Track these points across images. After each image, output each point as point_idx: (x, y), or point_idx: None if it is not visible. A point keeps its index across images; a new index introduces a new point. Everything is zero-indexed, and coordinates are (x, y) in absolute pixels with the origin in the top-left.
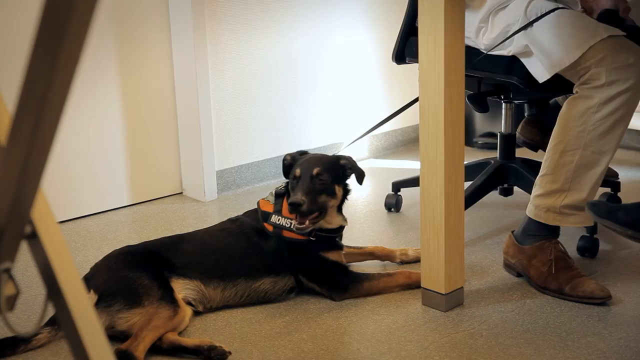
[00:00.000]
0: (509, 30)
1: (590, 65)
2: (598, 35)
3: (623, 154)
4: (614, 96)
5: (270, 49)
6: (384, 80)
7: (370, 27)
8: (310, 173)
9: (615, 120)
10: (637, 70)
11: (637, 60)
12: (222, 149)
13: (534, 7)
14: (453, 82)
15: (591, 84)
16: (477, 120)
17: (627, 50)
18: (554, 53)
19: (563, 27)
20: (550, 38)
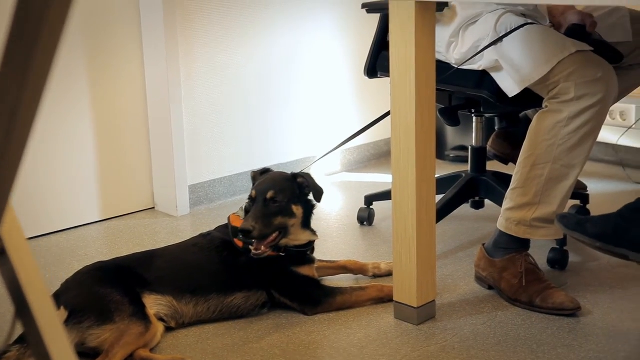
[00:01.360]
0: (479, 45)
1: (559, 80)
2: (567, 50)
3: (592, 166)
4: (582, 110)
5: (242, 63)
6: (357, 93)
7: (343, 41)
8: (264, 196)
9: (584, 134)
10: (605, 84)
11: (604, 74)
12: (194, 163)
13: (503, 23)
14: (424, 97)
15: (560, 98)
16: (449, 134)
17: (595, 65)
18: (524, 68)
19: (532, 42)
20: (520, 53)
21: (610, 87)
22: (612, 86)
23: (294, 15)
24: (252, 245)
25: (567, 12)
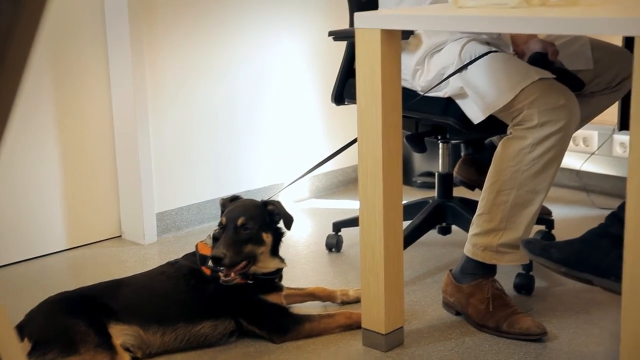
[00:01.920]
0: (444, 72)
1: (523, 107)
2: (530, 78)
3: (556, 192)
4: (546, 137)
5: (210, 90)
6: (324, 120)
7: (311, 68)
8: (235, 223)
9: (548, 160)
10: (567, 111)
11: (567, 102)
12: (162, 190)
13: (467, 50)
14: (391, 123)
15: (524, 125)
16: (416, 160)
17: (558, 93)
18: (488, 95)
19: (496, 70)
20: (484, 80)
21: (572, 114)
22: (574, 113)
23: (262, 42)
24: (220, 272)
25: (529, 40)
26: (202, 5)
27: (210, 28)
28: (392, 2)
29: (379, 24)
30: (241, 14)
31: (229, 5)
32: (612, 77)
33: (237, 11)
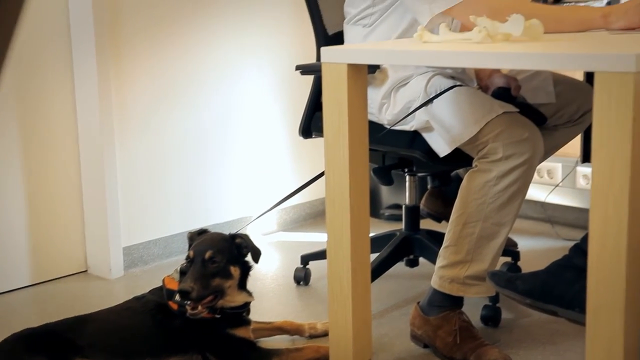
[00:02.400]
0: (410, 106)
1: (488, 140)
2: (494, 112)
3: (521, 223)
4: (511, 169)
5: (178, 122)
6: (292, 153)
7: (278, 101)
8: (203, 257)
9: (513, 193)
10: (531, 144)
11: (530, 135)
12: (129, 224)
13: (433, 84)
14: (357, 157)
15: (489, 157)
16: (384, 193)
17: (522, 126)
18: (454, 128)
19: (461, 104)
20: (449, 114)
21: (536, 147)
22: (538, 146)
23: (231, 74)
24: (187, 306)
25: (493, 75)
26: (170, 38)
27: (179, 59)
28: (358, 37)
29: (345, 59)
30: (210, 46)
31: (197, 37)
32: (574, 111)
33: (206, 43)
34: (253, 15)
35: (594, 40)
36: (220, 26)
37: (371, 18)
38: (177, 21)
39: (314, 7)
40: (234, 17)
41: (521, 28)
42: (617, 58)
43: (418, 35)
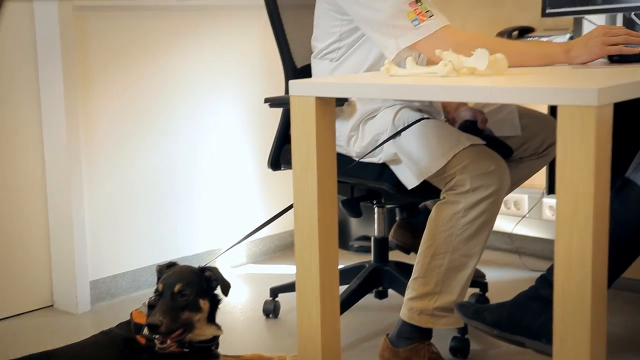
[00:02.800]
0: (378, 139)
1: (455, 172)
2: (461, 144)
3: (489, 254)
4: (478, 201)
5: (147, 154)
6: (261, 185)
7: (247, 134)
8: (172, 290)
9: (480, 224)
10: (498, 177)
11: (497, 167)
12: (96, 257)
13: (401, 117)
14: (326, 189)
15: (457, 190)
16: (353, 224)
17: (488, 159)
18: (422, 161)
19: (429, 137)
20: (417, 147)
21: (502, 179)
22: (504, 178)
23: (200, 107)
24: (156, 340)
25: (459, 108)
26: (139, 70)
27: (148, 92)
28: (325, 71)
29: (313, 92)
30: (179, 78)
31: (166, 70)
32: (539, 144)
33: (175, 75)
34: (222, 47)
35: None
36: (189, 58)
37: (338, 52)
38: (146, 54)
39: (283, 40)
40: (204, 49)
41: (486, 62)
42: (579, 92)
43: (385, 69)
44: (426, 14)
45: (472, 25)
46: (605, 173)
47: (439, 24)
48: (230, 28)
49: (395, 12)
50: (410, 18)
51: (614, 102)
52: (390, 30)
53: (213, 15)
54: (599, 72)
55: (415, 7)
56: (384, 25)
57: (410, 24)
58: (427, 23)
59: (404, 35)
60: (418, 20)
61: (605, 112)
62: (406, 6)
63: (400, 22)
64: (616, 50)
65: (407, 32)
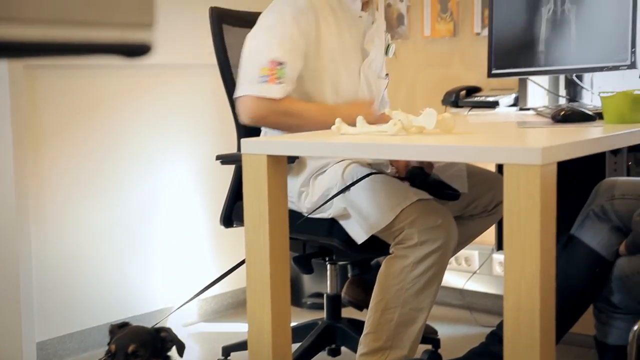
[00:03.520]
0: (328, 194)
1: (404, 227)
2: (409, 199)
3: (441, 310)
4: (426, 255)
5: (98, 212)
6: (214, 242)
7: (200, 191)
8: (125, 351)
9: (429, 278)
10: (445, 230)
11: (444, 221)
12: (43, 317)
13: (350, 172)
14: (278, 246)
15: (405, 243)
16: (305, 281)
17: (435, 213)
18: (370, 216)
19: (377, 191)
20: (366, 201)
21: (449, 232)
22: (451, 231)
23: (152, 164)
24: None
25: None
26: (91, 128)
27: (99, 150)
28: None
29: (265, 150)
30: (131, 137)
31: (118, 128)
32: (488, 201)
33: (127, 134)
34: (174, 105)
35: (503, 133)
36: (141, 116)
37: None
38: (97, 112)
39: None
40: (156, 107)
41: (434, 121)
42: (524, 151)
43: (336, 128)
44: (277, 79)
45: (422, 84)
46: (551, 230)
47: (276, 93)
48: (182, 86)
49: (258, 59)
50: (261, 73)
51: (558, 161)
52: (247, 71)
53: (165, 73)
54: (543, 132)
55: (272, 67)
56: (247, 61)
57: (258, 77)
58: (270, 86)
59: (246, 84)
60: (266, 78)
61: (549, 170)
62: (267, 61)
63: (254, 70)
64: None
65: (250, 83)
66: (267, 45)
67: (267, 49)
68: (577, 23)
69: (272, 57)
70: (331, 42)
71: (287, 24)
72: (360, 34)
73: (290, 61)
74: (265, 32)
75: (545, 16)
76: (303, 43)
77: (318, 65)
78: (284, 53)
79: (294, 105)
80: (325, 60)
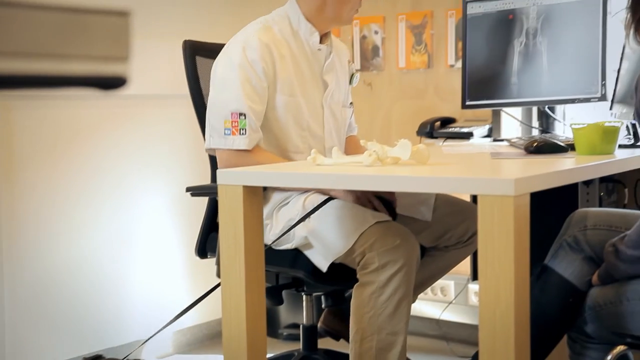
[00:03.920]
0: (290, 224)
1: (364, 251)
2: (367, 223)
3: (417, 341)
4: (390, 277)
5: (72, 244)
6: (189, 274)
7: (174, 222)
8: None
9: (398, 299)
10: (404, 249)
11: (402, 241)
12: (15, 350)
13: (311, 201)
14: (253, 277)
15: (368, 268)
16: (282, 312)
17: (393, 233)
18: (331, 242)
19: (337, 218)
20: (326, 228)
21: (410, 251)
22: (411, 250)
23: (127, 196)
24: None
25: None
26: (65, 159)
27: (74, 181)
28: None
29: (241, 181)
30: (106, 168)
31: (93, 159)
32: (463, 232)
33: (102, 165)
34: (149, 136)
35: (477, 164)
36: (116, 147)
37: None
38: (72, 143)
39: None
40: (131, 138)
41: (409, 152)
42: (497, 182)
43: (312, 159)
44: (240, 130)
45: (397, 115)
46: (525, 260)
47: (240, 144)
48: (156, 116)
49: (220, 112)
50: (225, 125)
51: (531, 192)
52: (212, 123)
53: (139, 104)
54: (516, 163)
55: (235, 119)
56: (210, 114)
57: (223, 130)
58: (234, 138)
59: (214, 137)
60: (230, 130)
61: (522, 201)
62: (228, 113)
63: (217, 124)
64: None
65: (217, 136)
66: (227, 96)
67: (227, 100)
68: (549, 56)
69: (232, 108)
70: (289, 77)
71: (244, 68)
72: (319, 65)
73: (251, 109)
74: (222, 83)
75: (518, 49)
76: (261, 84)
77: (279, 101)
78: (243, 103)
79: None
80: (285, 95)
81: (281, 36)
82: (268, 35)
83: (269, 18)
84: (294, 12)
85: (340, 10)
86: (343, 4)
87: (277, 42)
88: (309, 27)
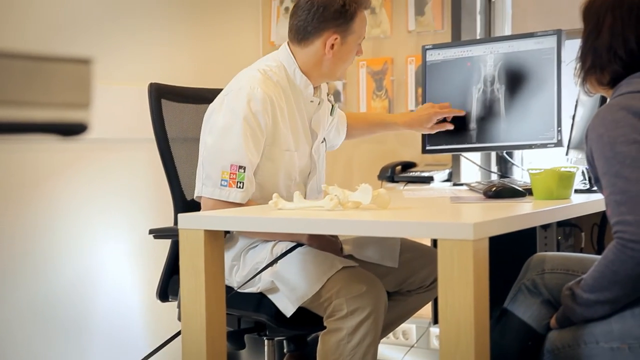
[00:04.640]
0: (257, 267)
1: (332, 297)
2: (334, 268)
3: None
4: (358, 324)
5: (29, 289)
6: (149, 317)
7: (135, 265)
8: None
9: (367, 346)
10: (372, 296)
11: (369, 287)
12: None
13: (278, 246)
14: (214, 321)
15: (336, 315)
16: (243, 356)
17: (360, 280)
18: (298, 287)
19: (305, 263)
20: (293, 273)
21: (377, 297)
22: (379, 296)
23: (86, 240)
24: None
25: None
26: (24, 204)
27: (33, 226)
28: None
29: (202, 225)
30: (66, 212)
31: (52, 204)
32: (425, 277)
33: (62, 210)
34: (110, 180)
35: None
36: (77, 192)
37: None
38: (30, 188)
39: (173, 173)
40: (91, 183)
41: (370, 197)
42: (457, 226)
43: (273, 203)
44: (237, 183)
45: (358, 160)
46: (484, 303)
47: (236, 197)
48: (118, 160)
49: (219, 161)
50: (222, 176)
51: (490, 236)
52: (208, 171)
53: (101, 148)
54: (476, 207)
55: (233, 172)
56: (206, 161)
57: (219, 180)
58: (230, 190)
59: (207, 186)
60: (227, 182)
61: (481, 245)
62: (227, 165)
63: (214, 173)
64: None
65: (211, 185)
66: (228, 147)
67: (228, 151)
68: (506, 102)
69: (233, 160)
70: (285, 131)
71: (247, 121)
72: (309, 116)
73: (251, 162)
74: (224, 132)
75: (476, 95)
76: (262, 137)
77: (273, 153)
78: (244, 156)
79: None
80: (281, 149)
81: (280, 88)
82: (269, 87)
83: (265, 68)
84: (290, 63)
85: (337, 67)
86: (342, 62)
87: (278, 95)
88: (304, 80)
